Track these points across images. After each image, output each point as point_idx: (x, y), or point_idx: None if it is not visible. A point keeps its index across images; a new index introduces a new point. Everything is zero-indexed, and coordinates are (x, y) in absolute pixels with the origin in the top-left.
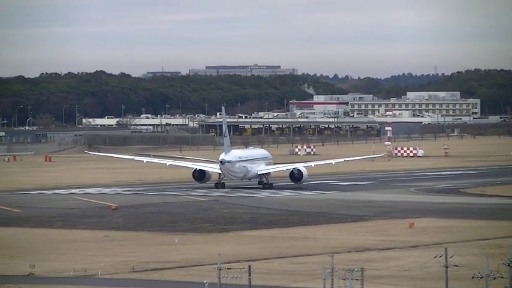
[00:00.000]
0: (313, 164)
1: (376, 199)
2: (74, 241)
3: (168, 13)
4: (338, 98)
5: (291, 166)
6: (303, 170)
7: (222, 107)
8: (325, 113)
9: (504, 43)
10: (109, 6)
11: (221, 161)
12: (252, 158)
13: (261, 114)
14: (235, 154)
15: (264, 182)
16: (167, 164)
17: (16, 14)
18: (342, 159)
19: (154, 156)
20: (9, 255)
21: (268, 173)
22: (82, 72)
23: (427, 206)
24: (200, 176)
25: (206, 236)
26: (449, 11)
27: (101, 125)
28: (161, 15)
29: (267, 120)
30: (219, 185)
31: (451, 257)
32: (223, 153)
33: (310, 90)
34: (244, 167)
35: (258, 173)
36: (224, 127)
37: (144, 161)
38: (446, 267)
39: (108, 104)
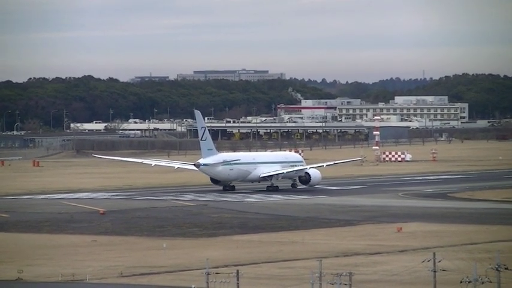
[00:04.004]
0: (307, 167)
1: (364, 204)
2: (62, 246)
3: (156, 18)
4: (326, 102)
5: (300, 168)
6: (313, 172)
7: (197, 111)
8: (313, 118)
9: (492, 48)
10: (97, 12)
11: (194, 164)
12: (253, 162)
13: (249, 118)
14: (218, 157)
15: (268, 185)
16: (175, 167)
17: (4, 20)
18: (332, 162)
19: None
20: None
21: (272, 175)
22: (70, 77)
23: (416, 210)
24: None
25: (194, 240)
26: (437, 16)
27: (89, 130)
28: (149, 20)
29: (255, 124)
30: (227, 188)
31: (440, 261)
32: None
33: (296, 95)
34: (231, 169)
35: (261, 176)
36: (200, 131)
37: (152, 164)
38: (435, 271)
39: (96, 108)
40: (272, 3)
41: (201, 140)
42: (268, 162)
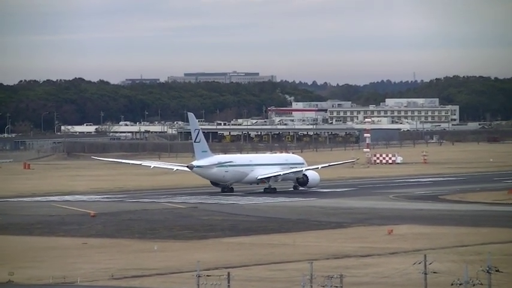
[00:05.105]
0: (303, 169)
1: (355, 206)
2: (53, 248)
3: (147, 21)
4: (317, 105)
5: (297, 170)
6: (310, 174)
7: (190, 114)
8: (303, 120)
9: (483, 50)
10: (87, 14)
11: (188, 166)
12: (250, 163)
13: (239, 121)
14: (213, 159)
15: (266, 187)
16: (174, 170)
17: None
18: (327, 164)
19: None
20: None
21: (270, 177)
22: (61, 80)
23: (406, 212)
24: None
25: (185, 243)
26: (428, 18)
27: (79, 132)
28: (140, 22)
29: (245, 127)
30: (226, 190)
31: (430, 263)
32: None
33: (285, 96)
34: (226, 171)
35: (258, 178)
36: (194, 133)
37: (151, 166)
38: (426, 274)
39: (87, 111)
40: (263, 4)
41: (194, 142)
42: (267, 164)
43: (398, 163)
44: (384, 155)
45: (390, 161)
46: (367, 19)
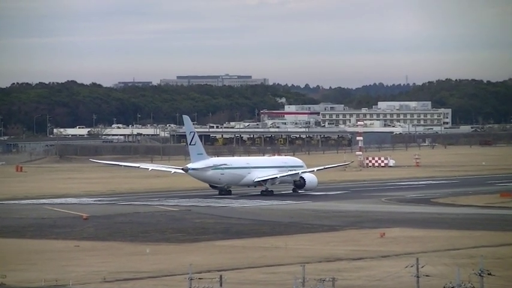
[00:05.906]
0: (299, 171)
1: (347, 209)
2: (45, 251)
3: (140, 23)
4: (309, 107)
5: (293, 173)
6: (307, 176)
7: (185, 116)
8: (296, 123)
9: (475, 53)
10: (80, 17)
11: (182, 168)
12: (247, 166)
13: (232, 124)
14: (208, 162)
15: (263, 189)
16: (172, 172)
17: None
18: (323, 167)
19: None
20: None
21: (267, 180)
22: (53, 82)
23: (399, 216)
24: None
25: (177, 246)
26: (421, 22)
27: (72, 135)
28: (132, 25)
29: (238, 130)
30: (223, 192)
31: (423, 267)
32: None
33: (276, 99)
34: (222, 174)
35: (255, 180)
36: (189, 136)
37: (149, 169)
38: (418, 277)
39: (80, 114)
40: (255, 8)
41: (190, 144)
42: (264, 166)
43: (390, 166)
44: (376, 158)
45: (382, 164)
46: (359, 22)
